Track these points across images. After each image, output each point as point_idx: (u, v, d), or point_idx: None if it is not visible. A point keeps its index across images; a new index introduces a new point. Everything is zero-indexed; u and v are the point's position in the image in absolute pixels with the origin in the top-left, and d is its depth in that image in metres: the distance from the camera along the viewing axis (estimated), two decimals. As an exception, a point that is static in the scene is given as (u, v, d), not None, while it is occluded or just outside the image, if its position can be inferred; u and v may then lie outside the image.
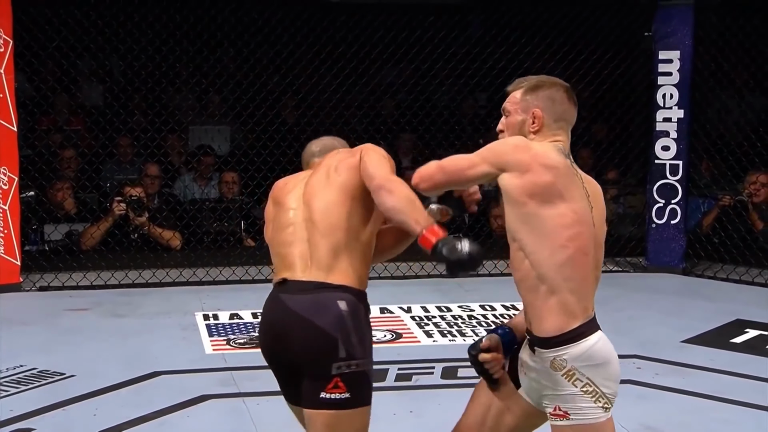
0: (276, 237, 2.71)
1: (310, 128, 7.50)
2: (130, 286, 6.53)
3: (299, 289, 2.57)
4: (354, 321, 2.53)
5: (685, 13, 6.83)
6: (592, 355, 2.46)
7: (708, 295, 6.47)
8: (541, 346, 2.50)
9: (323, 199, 2.64)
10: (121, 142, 7.62)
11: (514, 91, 2.67)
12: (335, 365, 2.48)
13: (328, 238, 2.58)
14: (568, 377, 2.47)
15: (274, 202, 2.79)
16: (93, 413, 4.18)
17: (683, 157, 6.97)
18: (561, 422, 2.49)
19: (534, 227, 2.47)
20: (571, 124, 2.67)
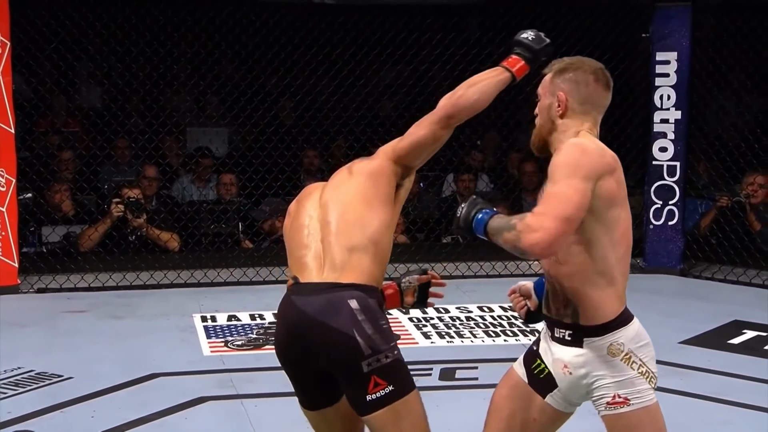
0: (293, 238, 2.70)
1: (308, 130, 7.51)
2: (128, 287, 6.52)
3: (311, 290, 2.56)
4: (367, 315, 2.51)
5: (683, 15, 6.83)
6: (640, 334, 2.53)
7: (706, 296, 6.47)
8: (594, 335, 2.50)
9: (339, 201, 2.65)
10: (119, 144, 7.63)
11: (547, 74, 2.66)
12: (364, 363, 2.47)
13: (342, 239, 2.59)
14: (626, 361, 2.48)
15: (298, 201, 2.80)
16: (91, 415, 4.18)
17: (681, 159, 6.97)
18: (621, 410, 2.48)
19: (604, 224, 2.48)
20: (600, 107, 2.61)
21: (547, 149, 2.61)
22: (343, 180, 2.71)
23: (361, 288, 2.55)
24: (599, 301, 2.50)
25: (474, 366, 4.86)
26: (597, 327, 2.50)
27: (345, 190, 2.67)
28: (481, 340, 5.38)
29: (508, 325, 5.67)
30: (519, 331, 5.53)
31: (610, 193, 2.46)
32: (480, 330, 5.57)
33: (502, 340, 5.41)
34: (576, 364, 2.54)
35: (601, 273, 2.49)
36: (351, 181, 2.68)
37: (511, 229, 2.37)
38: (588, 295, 2.50)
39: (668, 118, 6.91)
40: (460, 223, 2.50)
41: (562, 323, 2.56)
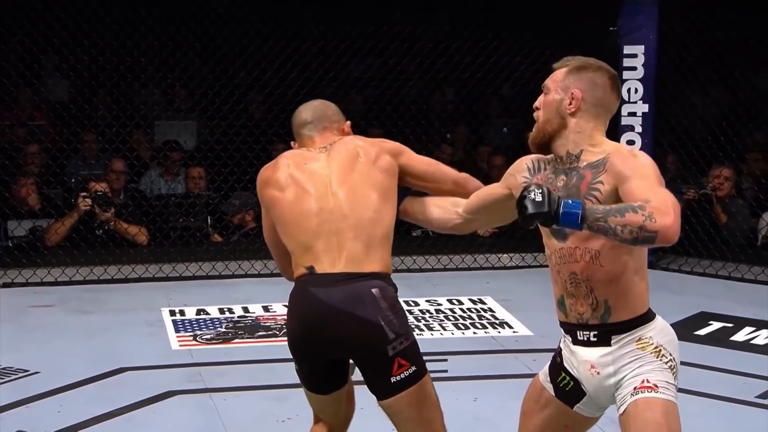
0: (300, 223, 2.66)
1: (277, 123, 7.48)
2: (96, 282, 6.47)
3: (331, 281, 2.58)
4: (388, 302, 2.59)
5: (650, 9, 6.87)
6: (666, 329, 2.54)
7: (673, 288, 6.52)
8: (622, 331, 2.48)
9: (355, 193, 2.66)
10: (86, 138, 7.55)
11: (558, 69, 2.58)
12: (390, 347, 2.55)
13: (361, 234, 2.62)
14: (656, 354, 2.46)
15: (291, 178, 2.70)
16: (58, 410, 4.15)
17: (648, 151, 6.98)
18: (649, 394, 2.41)
19: None
20: (610, 113, 2.57)
21: (548, 146, 2.55)
22: (351, 167, 2.69)
23: (379, 276, 2.62)
24: (634, 297, 2.49)
25: (443, 358, 4.86)
26: (625, 323, 2.48)
27: (360, 180, 2.67)
28: (451, 333, 5.40)
29: (477, 317, 5.69)
30: (488, 323, 5.55)
31: None
32: (449, 323, 5.58)
33: (471, 332, 5.42)
34: (603, 363, 2.50)
35: (637, 270, 2.49)
36: (365, 171, 2.69)
37: (636, 210, 2.22)
38: (625, 294, 2.48)
39: (636, 111, 6.95)
40: (538, 208, 2.26)
41: (587, 325, 2.52)
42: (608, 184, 2.40)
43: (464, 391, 4.36)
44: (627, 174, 2.37)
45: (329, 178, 2.69)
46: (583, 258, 2.48)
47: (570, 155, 2.51)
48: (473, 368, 4.79)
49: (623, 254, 2.45)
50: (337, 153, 2.73)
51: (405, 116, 7.77)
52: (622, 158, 2.41)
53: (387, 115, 7.59)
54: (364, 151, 2.73)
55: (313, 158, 2.75)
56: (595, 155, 2.46)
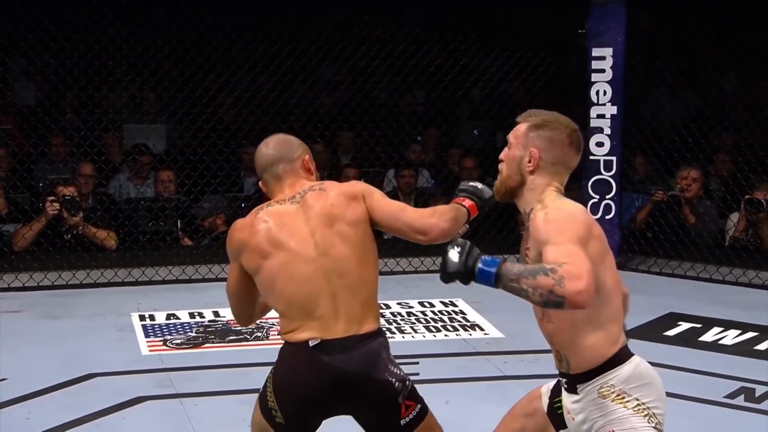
0: (293, 288, 2.66)
1: (247, 126, 7.46)
2: (64, 287, 6.42)
3: (342, 347, 2.64)
4: (389, 356, 2.73)
5: (618, 11, 6.92)
6: (638, 375, 2.49)
7: (642, 289, 6.55)
8: (586, 380, 2.49)
9: (344, 252, 2.67)
10: (54, 141, 7.49)
11: (521, 123, 2.61)
12: (399, 397, 2.70)
13: (358, 294, 2.68)
14: (618, 401, 2.46)
15: (272, 243, 2.67)
16: (26, 417, 4.11)
17: (617, 153, 7.05)
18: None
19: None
20: (570, 169, 2.61)
21: (510, 197, 2.61)
22: (330, 222, 2.68)
23: (377, 333, 2.72)
24: (588, 348, 2.49)
25: (415, 361, 4.86)
26: (586, 373, 2.50)
27: (344, 239, 2.68)
28: (422, 336, 5.40)
29: (449, 320, 5.70)
30: (460, 326, 5.56)
31: (597, 252, 2.42)
32: (421, 325, 5.59)
33: (443, 335, 5.43)
34: (575, 411, 2.54)
35: (589, 320, 2.47)
36: (345, 228, 2.68)
37: (548, 273, 2.22)
38: (577, 345, 2.49)
39: (604, 113, 6.99)
40: (455, 267, 2.30)
41: (561, 374, 2.60)
42: (533, 249, 2.44)
43: (436, 394, 4.35)
44: (543, 239, 2.38)
45: (313, 239, 2.67)
46: (537, 314, 2.57)
47: (525, 213, 2.58)
48: (445, 371, 4.79)
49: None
50: (313, 210, 2.70)
51: (375, 118, 7.77)
52: (537, 224, 2.43)
53: (357, 118, 7.58)
54: (338, 204, 2.70)
55: (291, 216, 2.71)
56: (534, 214, 2.49)
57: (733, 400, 4.38)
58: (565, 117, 2.62)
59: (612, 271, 2.51)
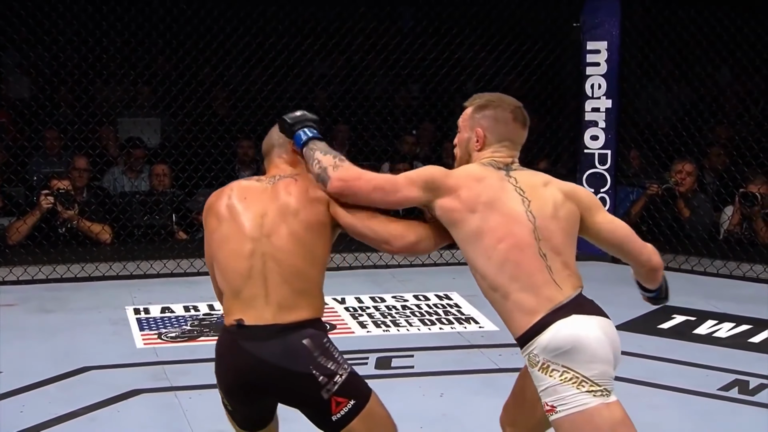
0: (230, 264, 2.63)
1: (241, 120, 7.45)
2: (59, 280, 6.41)
3: (264, 335, 2.56)
4: (320, 348, 2.59)
5: (613, 4, 6.93)
6: (558, 342, 2.45)
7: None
8: (520, 347, 2.54)
9: (288, 240, 2.62)
10: (48, 135, 7.47)
11: (467, 108, 2.73)
12: (323, 391, 2.57)
13: (292, 282, 2.60)
14: (544, 371, 2.47)
15: (230, 210, 2.68)
16: (20, 410, 4.11)
17: (612, 147, 7.07)
18: (553, 417, 2.46)
19: (470, 241, 2.54)
20: (518, 144, 2.71)
21: None
22: (287, 209, 2.65)
23: (309, 323, 2.60)
24: (505, 315, 2.55)
25: (410, 354, 4.88)
26: (517, 340, 2.54)
27: (294, 226, 2.63)
28: (417, 329, 5.41)
29: (443, 313, 5.70)
30: (454, 319, 5.57)
31: (452, 209, 2.54)
32: (416, 318, 5.59)
33: (437, 328, 5.43)
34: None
35: (492, 288, 2.53)
36: (299, 217, 2.64)
37: (335, 158, 2.60)
38: (497, 311, 2.57)
39: (599, 106, 7.00)
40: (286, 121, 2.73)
41: None
42: None
43: (431, 387, 4.38)
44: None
45: (263, 221, 2.65)
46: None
47: None
48: (439, 364, 4.80)
49: (476, 272, 2.57)
50: (276, 195, 2.69)
51: (370, 112, 7.77)
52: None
53: (352, 112, 7.58)
54: (297, 200, 2.68)
55: (255, 193, 2.70)
56: None
57: (727, 393, 4.39)
58: (510, 96, 2.75)
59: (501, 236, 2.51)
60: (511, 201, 2.56)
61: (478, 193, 2.54)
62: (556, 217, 2.61)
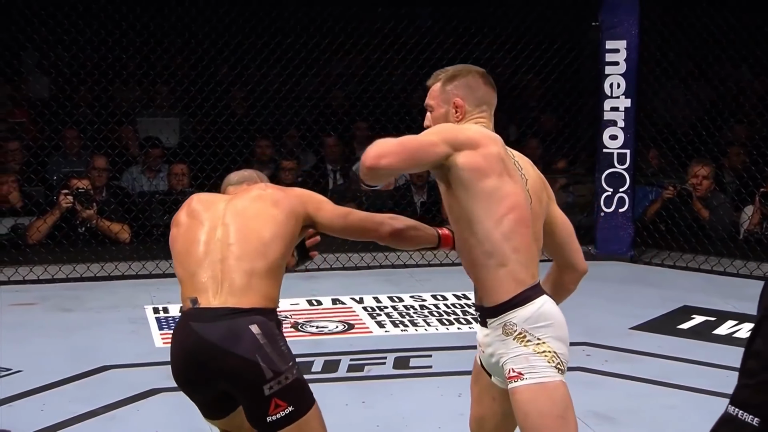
0: (188, 251, 2.66)
1: (259, 120, 7.46)
2: (78, 280, 6.45)
3: (211, 316, 2.55)
4: (269, 338, 2.54)
5: (631, 3, 6.90)
6: (540, 315, 2.50)
7: (655, 282, 6.55)
8: (492, 316, 2.53)
9: (245, 225, 2.63)
10: (68, 135, 7.52)
11: (433, 85, 2.70)
12: (266, 387, 2.51)
13: (244, 264, 2.58)
14: (519, 339, 2.49)
15: (189, 213, 2.73)
16: (41, 408, 4.13)
17: (630, 146, 7.04)
18: (516, 383, 2.49)
19: (481, 199, 2.48)
20: (493, 106, 2.71)
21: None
22: (249, 204, 2.68)
23: (261, 312, 2.57)
24: (492, 282, 2.52)
25: (428, 354, 4.87)
26: (494, 308, 2.53)
27: (253, 215, 2.65)
28: (435, 329, 5.40)
29: (461, 313, 5.70)
30: (472, 318, 5.56)
31: (475, 165, 2.47)
32: (434, 318, 5.59)
33: (455, 328, 5.43)
34: (485, 344, 2.61)
35: (488, 254, 2.50)
36: (261, 208, 2.66)
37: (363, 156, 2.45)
38: (481, 278, 2.54)
39: (618, 106, 6.97)
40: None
41: (476, 306, 2.65)
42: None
43: (449, 387, 4.37)
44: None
45: (224, 211, 2.68)
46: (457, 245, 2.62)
47: None
48: (457, 364, 4.78)
49: (469, 237, 2.51)
50: (242, 193, 2.75)
51: (388, 111, 7.76)
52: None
53: (370, 111, 7.58)
54: (270, 194, 2.71)
55: (217, 198, 2.78)
56: None
57: (747, 394, 4.36)
58: (469, 64, 2.75)
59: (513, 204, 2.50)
60: (516, 173, 2.57)
61: (498, 154, 2.51)
62: (541, 202, 2.72)
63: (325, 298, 5.96)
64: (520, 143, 8.01)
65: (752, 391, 1.80)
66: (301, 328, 5.38)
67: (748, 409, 1.80)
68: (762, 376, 1.77)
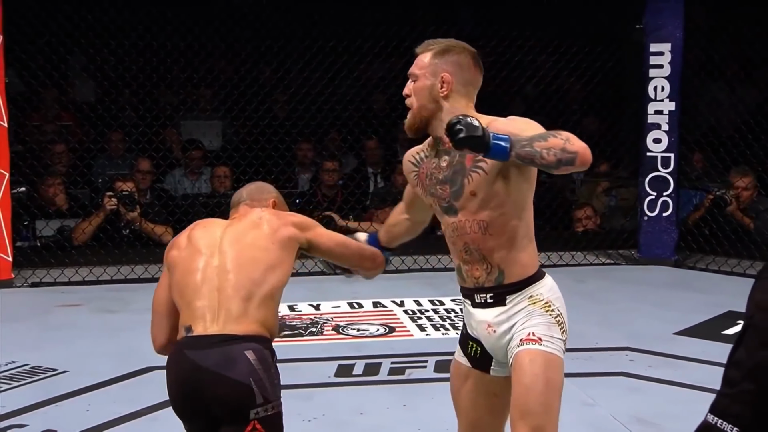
0: (187, 280, 2.65)
1: (301, 123, 7.50)
2: (122, 281, 6.52)
3: (206, 344, 2.55)
4: (264, 365, 2.55)
5: (676, 5, 6.84)
6: (555, 287, 2.63)
7: (700, 287, 6.48)
8: (516, 290, 2.57)
9: (241, 253, 2.63)
10: (113, 137, 7.61)
11: (422, 54, 2.66)
12: (253, 411, 2.51)
13: (241, 293, 2.58)
14: (545, 308, 2.56)
15: (189, 238, 2.72)
16: (86, 409, 4.18)
17: (674, 150, 6.98)
18: (533, 346, 2.50)
19: (532, 190, 2.59)
20: (477, 89, 2.68)
21: (425, 129, 2.64)
22: (246, 232, 2.68)
23: (256, 339, 2.57)
24: (525, 261, 2.59)
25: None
26: (519, 283, 2.58)
27: (250, 243, 2.65)
28: (476, 332, 5.38)
29: (502, 316, 5.67)
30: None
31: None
32: (474, 322, 5.57)
33: (496, 331, 5.40)
34: (499, 322, 2.60)
35: (526, 235, 2.59)
36: (258, 236, 2.66)
37: (555, 135, 2.37)
38: (516, 259, 2.57)
39: (662, 109, 6.91)
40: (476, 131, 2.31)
41: (483, 288, 2.62)
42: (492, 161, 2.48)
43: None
44: (521, 128, 2.44)
45: (221, 239, 2.67)
46: (473, 230, 2.57)
47: (443, 139, 2.57)
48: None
49: (512, 220, 2.55)
50: (240, 220, 2.75)
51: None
52: (503, 123, 2.49)
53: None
54: (267, 221, 2.70)
55: (216, 223, 2.77)
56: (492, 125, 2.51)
57: (793, 401, 4.30)
58: (463, 42, 2.71)
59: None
60: None
61: None
62: None
63: (366, 301, 5.97)
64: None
65: (732, 401, 1.80)
66: (342, 331, 5.39)
67: (728, 419, 1.81)
68: (742, 386, 1.78)
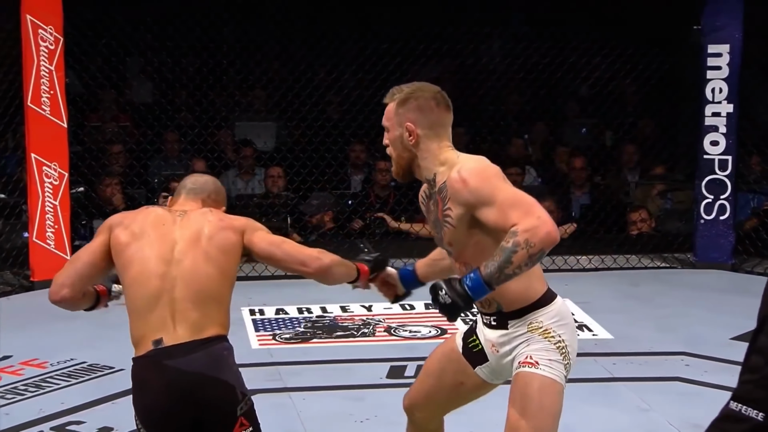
0: (141, 282, 2.67)
1: (354, 124, 7.53)
2: (176, 281, 6.57)
3: (185, 350, 2.60)
4: (233, 361, 2.67)
5: (735, 6, 6.74)
6: (561, 314, 2.67)
7: (758, 291, 6.23)
8: (517, 317, 2.64)
9: (196, 264, 2.67)
10: (169, 138, 7.70)
11: (389, 104, 2.73)
12: (239, 407, 2.63)
13: (201, 304, 2.64)
14: (544, 335, 2.62)
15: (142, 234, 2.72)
16: (141, 406, 4.23)
17: (732, 152, 6.88)
18: (529, 369, 2.59)
19: None
20: (447, 126, 2.71)
21: (412, 175, 2.73)
22: (197, 236, 2.71)
23: (222, 338, 2.67)
24: (520, 290, 2.62)
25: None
26: (518, 311, 2.65)
27: (202, 253, 2.68)
28: (528, 335, 5.35)
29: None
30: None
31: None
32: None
33: (549, 335, 5.37)
34: (501, 343, 2.69)
35: None
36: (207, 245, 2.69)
37: (516, 249, 2.39)
38: (508, 290, 2.59)
39: (720, 111, 6.81)
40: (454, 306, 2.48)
41: (487, 312, 2.72)
42: (456, 209, 2.56)
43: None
44: (472, 202, 2.51)
45: (176, 247, 2.70)
46: (461, 270, 2.66)
47: (429, 180, 2.69)
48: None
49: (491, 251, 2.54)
50: (188, 222, 2.76)
51: (482, 116, 7.75)
52: (456, 188, 2.53)
53: (464, 116, 7.57)
54: (211, 226, 2.74)
55: (170, 221, 2.77)
56: (443, 176, 2.60)
57: None
58: (427, 83, 2.76)
59: None
60: None
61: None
62: None
63: (418, 303, 5.96)
64: (617, 148, 7.91)
65: (755, 386, 1.80)
66: (395, 332, 5.40)
67: (750, 404, 1.80)
68: (765, 371, 1.77)
